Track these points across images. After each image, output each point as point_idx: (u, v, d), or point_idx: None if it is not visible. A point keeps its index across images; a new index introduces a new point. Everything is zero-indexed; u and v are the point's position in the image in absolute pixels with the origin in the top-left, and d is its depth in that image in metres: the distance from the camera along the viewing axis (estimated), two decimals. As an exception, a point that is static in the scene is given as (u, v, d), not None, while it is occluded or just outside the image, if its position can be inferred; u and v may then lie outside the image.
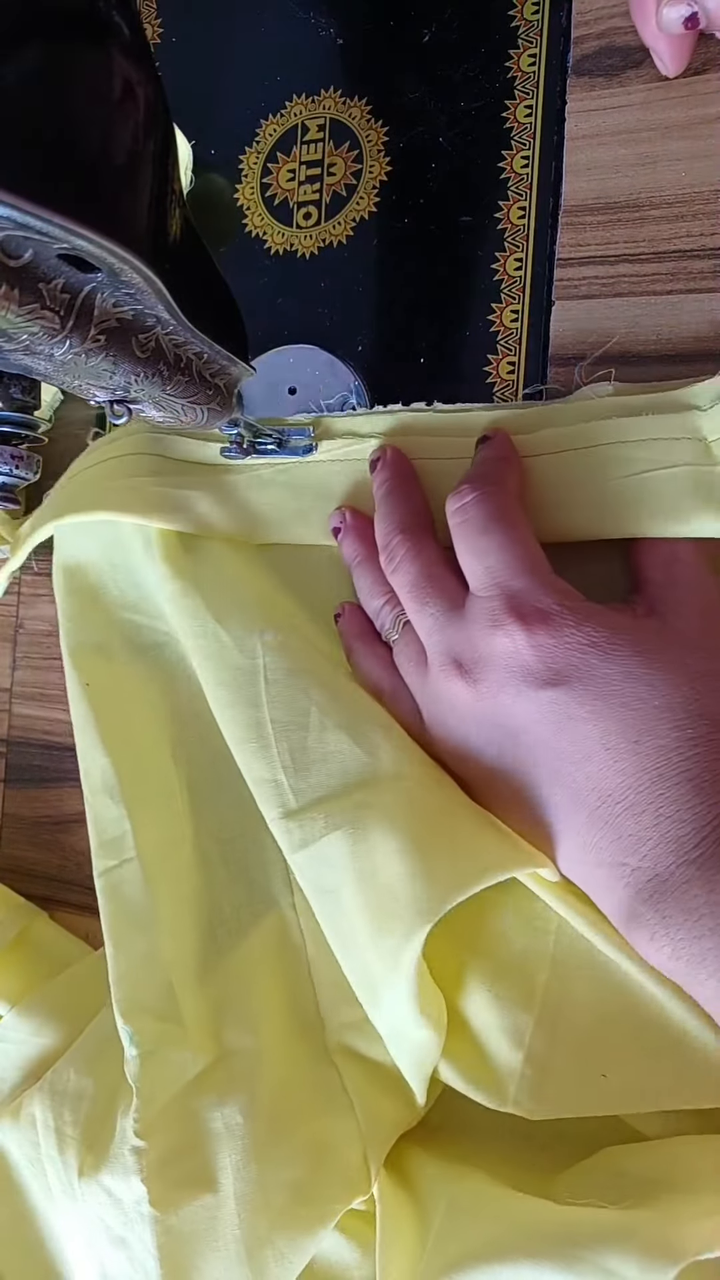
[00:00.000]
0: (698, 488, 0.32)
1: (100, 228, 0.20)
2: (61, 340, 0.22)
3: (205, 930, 0.40)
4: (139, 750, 0.41)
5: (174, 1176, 0.35)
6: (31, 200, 0.18)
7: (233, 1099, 0.36)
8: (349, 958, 0.35)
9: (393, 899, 0.31)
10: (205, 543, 0.40)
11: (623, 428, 0.33)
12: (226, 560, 0.40)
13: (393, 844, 0.32)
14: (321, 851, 0.33)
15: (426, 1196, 0.34)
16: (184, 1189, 0.34)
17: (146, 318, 0.25)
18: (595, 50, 0.36)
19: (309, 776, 0.35)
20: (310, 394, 0.41)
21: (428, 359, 0.40)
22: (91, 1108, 0.38)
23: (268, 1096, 0.36)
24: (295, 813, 0.34)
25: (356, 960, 0.34)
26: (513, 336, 0.38)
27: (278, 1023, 0.38)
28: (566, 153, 0.36)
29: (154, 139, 0.24)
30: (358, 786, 0.34)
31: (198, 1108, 0.36)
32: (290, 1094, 0.36)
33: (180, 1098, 0.36)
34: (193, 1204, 0.34)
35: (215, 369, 0.29)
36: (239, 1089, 0.36)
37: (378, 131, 0.41)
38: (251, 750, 0.36)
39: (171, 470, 0.41)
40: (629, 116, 0.35)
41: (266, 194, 0.43)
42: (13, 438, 0.27)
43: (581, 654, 0.29)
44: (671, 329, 0.35)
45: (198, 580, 0.39)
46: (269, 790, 0.35)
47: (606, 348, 0.36)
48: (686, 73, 0.34)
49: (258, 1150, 0.34)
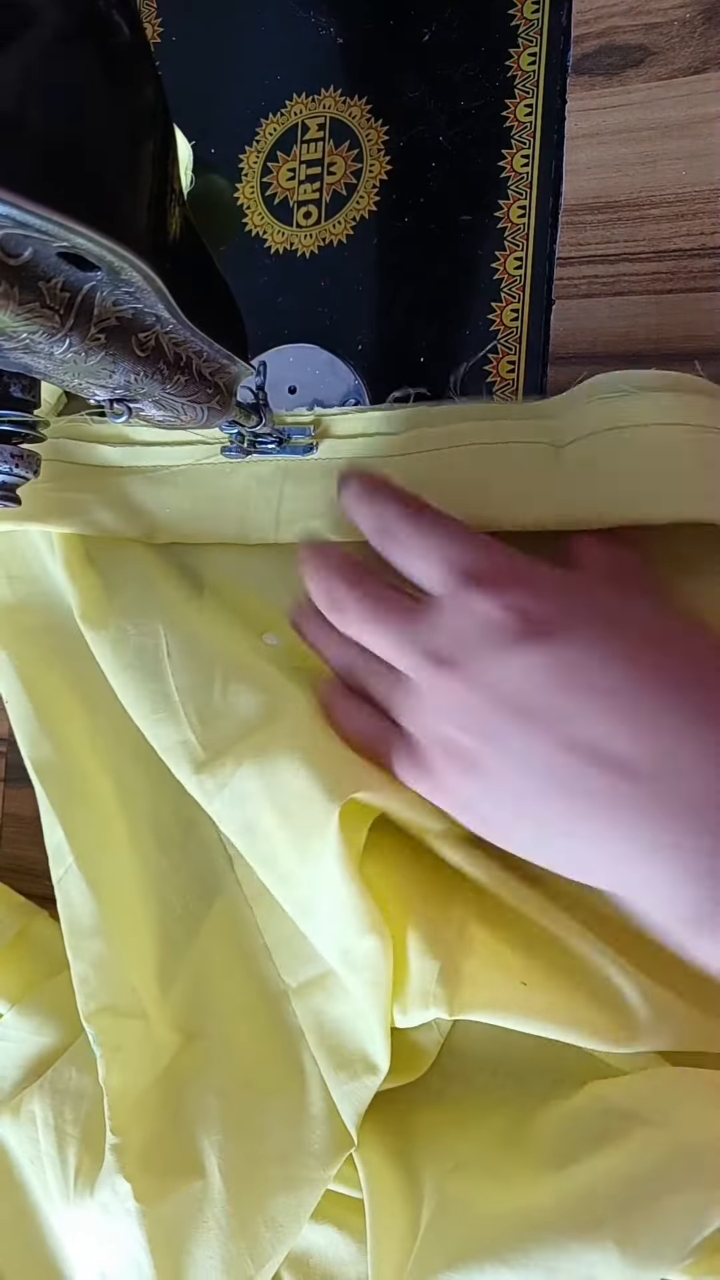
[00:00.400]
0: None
1: (100, 226, 0.20)
2: (61, 339, 0.22)
3: (158, 922, 0.40)
4: (61, 754, 0.41)
5: (156, 1168, 0.35)
6: (31, 199, 0.18)
7: (205, 1082, 0.36)
8: (286, 889, 0.35)
9: (305, 803, 0.33)
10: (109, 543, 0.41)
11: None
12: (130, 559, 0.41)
13: (296, 759, 0.33)
14: (235, 790, 0.35)
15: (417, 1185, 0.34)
16: (168, 1178, 0.35)
17: (146, 316, 0.25)
18: (595, 49, 0.36)
19: (215, 730, 0.36)
20: (310, 394, 0.42)
21: (428, 359, 0.40)
22: (92, 1106, 0.38)
23: (241, 1074, 0.36)
24: (206, 764, 0.35)
25: (292, 889, 0.35)
26: (513, 336, 0.38)
27: (242, 1000, 0.38)
28: (567, 151, 0.37)
29: (154, 138, 0.24)
30: (259, 725, 0.35)
31: (172, 1096, 0.36)
32: (263, 1068, 0.36)
33: (153, 1089, 0.37)
34: (179, 1192, 0.35)
35: (215, 367, 0.29)
36: (211, 1071, 0.37)
37: (378, 131, 0.41)
38: (160, 720, 0.37)
39: (71, 474, 0.41)
40: (629, 115, 0.35)
41: (266, 193, 0.43)
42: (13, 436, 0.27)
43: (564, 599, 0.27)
44: (671, 328, 0.35)
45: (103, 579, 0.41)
46: (180, 753, 0.36)
47: (606, 348, 0.36)
48: (686, 72, 0.34)
49: (237, 1127, 0.35)
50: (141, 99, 0.23)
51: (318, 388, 0.42)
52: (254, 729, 0.35)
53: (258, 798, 0.34)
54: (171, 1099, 0.36)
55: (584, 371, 0.36)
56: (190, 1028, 0.38)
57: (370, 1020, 0.34)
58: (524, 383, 0.38)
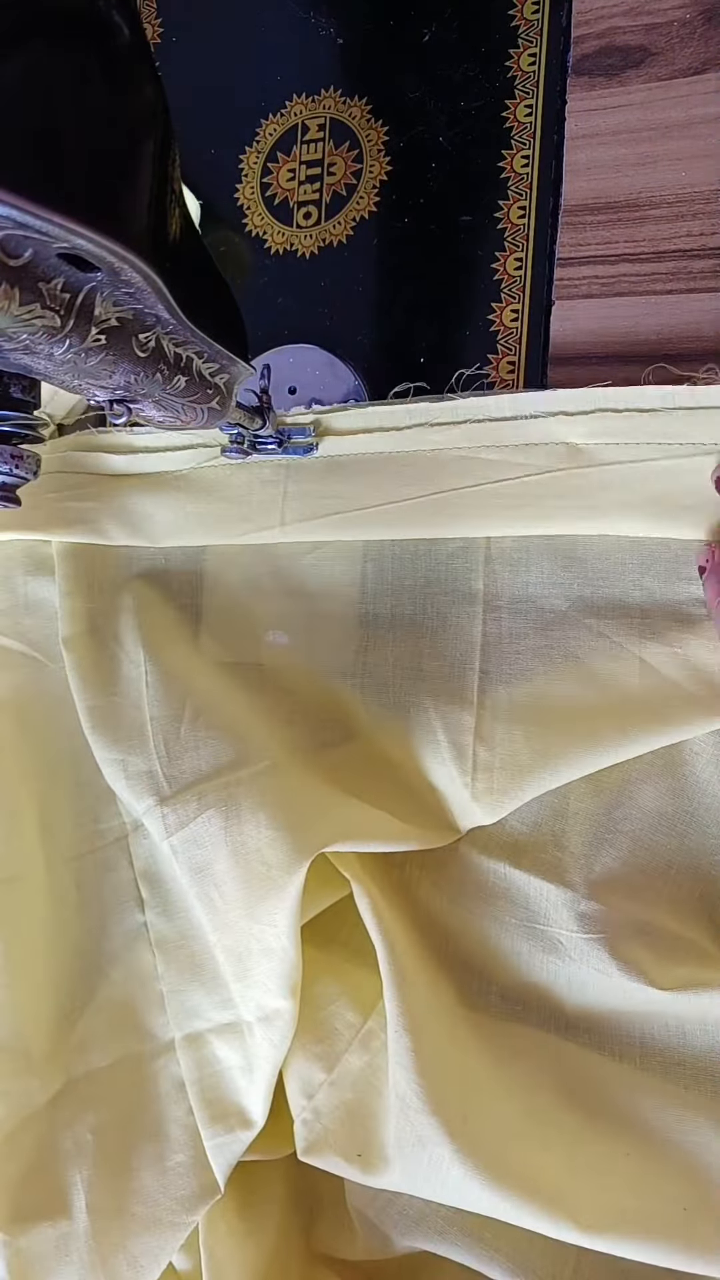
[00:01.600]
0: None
1: (100, 227, 0.20)
2: (61, 339, 0.22)
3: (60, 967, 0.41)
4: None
5: (24, 1200, 0.37)
6: (31, 200, 0.18)
7: (82, 1119, 0.38)
8: (220, 934, 0.36)
9: (262, 863, 0.34)
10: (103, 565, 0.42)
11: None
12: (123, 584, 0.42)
13: (261, 815, 0.34)
14: (196, 832, 0.36)
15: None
16: (34, 1210, 0.36)
17: (146, 317, 0.25)
18: (595, 50, 0.36)
19: (181, 763, 0.37)
20: (310, 394, 0.42)
21: (428, 359, 0.40)
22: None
23: (118, 1116, 0.38)
24: (169, 798, 0.37)
25: (225, 935, 0.36)
26: (513, 336, 0.38)
27: (128, 1046, 0.39)
28: (566, 152, 0.36)
29: (154, 139, 0.23)
30: (228, 768, 0.36)
31: (46, 1131, 0.38)
32: (140, 1112, 0.38)
33: (28, 1124, 0.38)
34: (43, 1224, 0.36)
35: (215, 368, 0.29)
36: (90, 1111, 0.38)
37: (378, 131, 0.41)
38: (133, 748, 0.38)
39: (77, 484, 0.42)
40: (629, 116, 0.35)
41: (266, 193, 0.43)
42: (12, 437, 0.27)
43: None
44: (671, 328, 0.35)
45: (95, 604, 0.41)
46: (144, 783, 0.37)
47: (606, 348, 0.36)
48: (686, 73, 0.34)
49: (107, 1164, 0.37)
50: (141, 99, 0.23)
51: (318, 388, 0.42)
52: (221, 770, 0.36)
53: (217, 843, 0.35)
54: (46, 1135, 0.38)
55: (584, 372, 0.36)
56: (75, 1071, 0.40)
57: (258, 1078, 0.36)
58: (524, 383, 0.38)
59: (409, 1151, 0.33)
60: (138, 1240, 0.36)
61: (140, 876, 0.40)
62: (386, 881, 0.38)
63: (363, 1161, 0.34)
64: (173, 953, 0.40)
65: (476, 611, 0.37)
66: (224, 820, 0.35)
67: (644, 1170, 0.32)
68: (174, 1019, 0.39)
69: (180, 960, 0.39)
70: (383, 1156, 0.34)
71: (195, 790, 0.36)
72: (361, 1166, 0.34)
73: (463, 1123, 0.32)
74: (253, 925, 0.35)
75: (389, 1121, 0.34)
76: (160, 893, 0.40)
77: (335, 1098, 0.35)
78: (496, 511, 0.35)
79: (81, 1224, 0.36)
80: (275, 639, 0.40)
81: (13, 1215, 0.36)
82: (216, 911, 0.36)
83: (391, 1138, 0.34)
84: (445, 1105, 0.32)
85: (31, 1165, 0.37)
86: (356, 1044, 0.36)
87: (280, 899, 0.34)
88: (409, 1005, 0.33)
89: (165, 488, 0.40)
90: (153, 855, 0.40)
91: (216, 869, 0.35)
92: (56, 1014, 0.40)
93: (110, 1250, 0.35)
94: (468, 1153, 0.32)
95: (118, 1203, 0.36)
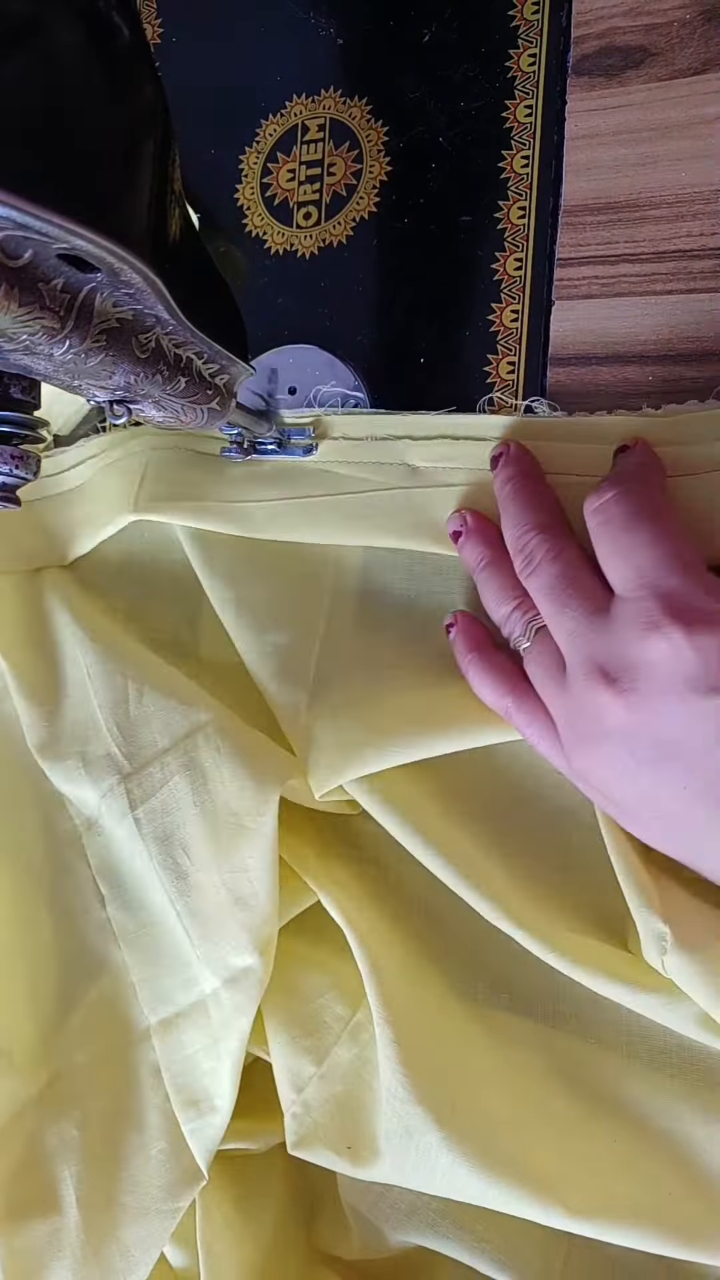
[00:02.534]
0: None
1: (99, 227, 0.20)
2: (61, 340, 0.22)
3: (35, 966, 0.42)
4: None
5: (15, 1198, 0.37)
6: (31, 200, 0.18)
7: (67, 1115, 0.38)
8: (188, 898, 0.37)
9: (231, 814, 0.35)
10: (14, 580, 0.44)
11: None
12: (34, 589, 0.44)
13: (224, 771, 0.36)
14: (164, 800, 0.37)
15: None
16: (25, 1207, 0.37)
17: (146, 318, 0.25)
18: (595, 50, 0.36)
19: (137, 739, 0.38)
20: (310, 394, 0.41)
21: (427, 359, 0.40)
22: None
23: (103, 1108, 0.38)
24: (131, 774, 0.38)
25: (194, 898, 0.37)
26: (513, 336, 0.38)
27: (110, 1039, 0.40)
28: (566, 152, 0.36)
29: (154, 139, 0.24)
30: (184, 735, 0.37)
31: (33, 1128, 0.38)
32: (123, 1103, 0.38)
33: (13, 1122, 0.39)
34: (35, 1221, 0.36)
35: (215, 369, 0.29)
36: (76, 1106, 0.39)
37: (378, 131, 0.41)
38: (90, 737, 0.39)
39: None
40: (629, 116, 0.35)
41: (266, 194, 0.43)
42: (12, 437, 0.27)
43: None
44: (671, 329, 0.35)
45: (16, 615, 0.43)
46: (104, 764, 0.39)
47: (606, 349, 0.36)
48: (686, 73, 0.34)
49: (95, 1158, 0.37)
50: (141, 99, 0.23)
51: (317, 388, 0.41)
52: (178, 740, 0.37)
53: (185, 806, 0.36)
54: (34, 1131, 0.38)
55: (584, 372, 0.36)
56: (59, 1065, 0.40)
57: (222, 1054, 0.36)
58: (524, 384, 0.38)
59: (397, 1142, 0.33)
60: (128, 1230, 0.36)
61: (97, 873, 0.41)
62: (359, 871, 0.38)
63: (352, 1154, 0.34)
64: (134, 942, 0.40)
65: (325, 603, 0.39)
66: (190, 783, 0.36)
67: (632, 1156, 0.33)
68: (147, 1006, 0.39)
69: (144, 948, 0.40)
70: (372, 1149, 0.34)
71: (159, 762, 0.37)
72: (351, 1159, 0.34)
73: (450, 1111, 0.33)
74: (224, 877, 0.36)
75: (378, 1113, 0.34)
76: (116, 885, 0.41)
77: (325, 1091, 0.36)
78: (342, 521, 0.37)
79: (72, 1218, 0.36)
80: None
81: (5, 1213, 0.37)
82: (183, 876, 0.37)
83: (380, 1129, 0.34)
84: (432, 1094, 0.33)
85: (21, 1163, 0.38)
86: (346, 1036, 0.36)
87: (253, 843, 0.35)
88: (389, 996, 0.34)
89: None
90: (106, 848, 0.41)
91: (185, 832, 0.37)
92: (35, 1015, 0.41)
93: (102, 1242, 0.36)
94: (456, 1140, 0.32)
95: (107, 1194, 0.37)
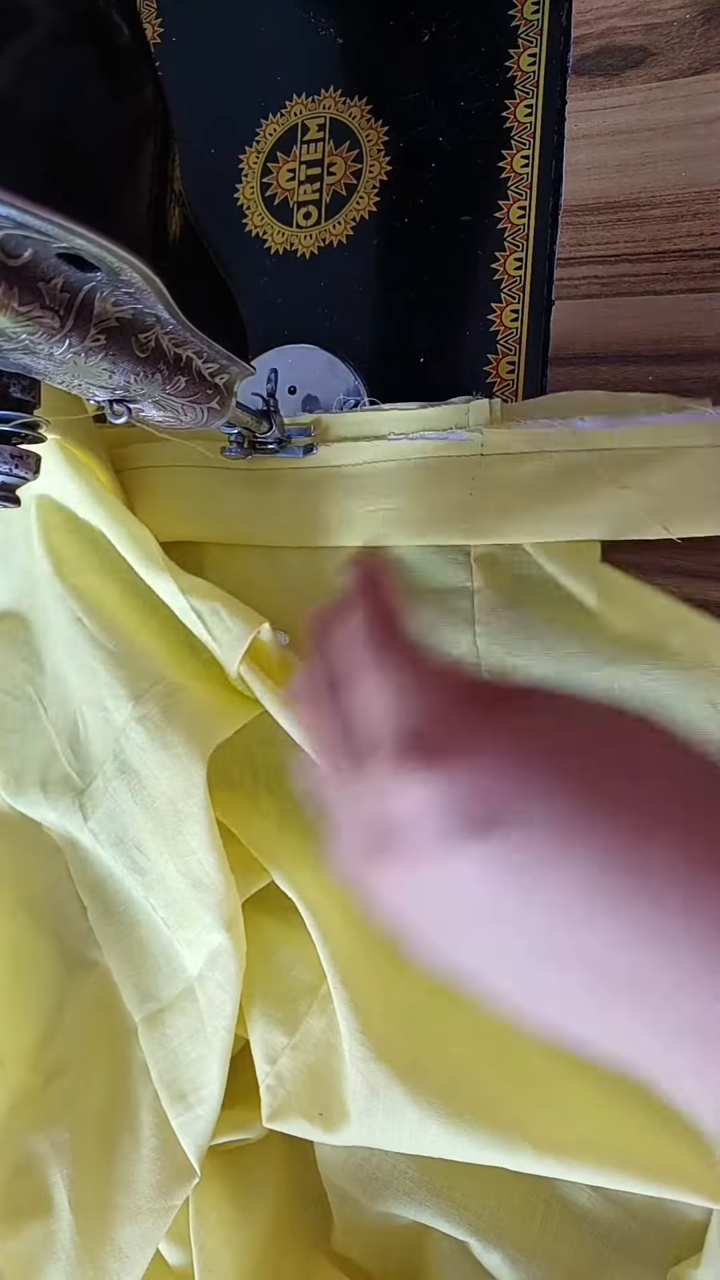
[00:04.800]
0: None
1: (99, 227, 0.20)
2: (61, 339, 0.22)
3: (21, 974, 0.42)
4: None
5: (8, 1203, 0.37)
6: (31, 200, 0.18)
7: (59, 1120, 0.38)
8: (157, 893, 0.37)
9: (168, 802, 0.36)
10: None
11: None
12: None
13: (149, 762, 0.37)
14: (109, 807, 0.38)
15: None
16: (20, 1212, 0.37)
17: (146, 317, 0.25)
18: (595, 50, 0.36)
19: (85, 757, 0.40)
20: (310, 393, 0.42)
21: (428, 359, 0.40)
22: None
23: (95, 1110, 0.38)
24: (83, 790, 0.39)
25: (162, 893, 0.37)
26: (513, 336, 0.38)
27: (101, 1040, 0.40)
28: (566, 152, 0.36)
29: (154, 139, 0.23)
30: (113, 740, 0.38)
31: (24, 1134, 0.38)
32: (114, 1103, 0.38)
33: (4, 1127, 0.39)
34: (30, 1225, 0.36)
35: (215, 368, 0.29)
36: (68, 1108, 0.39)
37: (378, 131, 0.41)
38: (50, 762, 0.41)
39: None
40: (629, 116, 0.35)
41: (266, 194, 0.43)
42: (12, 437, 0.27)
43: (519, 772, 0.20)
44: (671, 328, 0.35)
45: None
46: (63, 785, 0.40)
47: (606, 348, 0.36)
48: (686, 73, 0.34)
49: (86, 1160, 0.37)
50: (141, 99, 0.23)
51: (317, 388, 0.42)
52: (110, 749, 0.38)
53: (128, 807, 0.37)
54: (26, 1135, 0.38)
55: (584, 372, 0.36)
56: (52, 1068, 0.40)
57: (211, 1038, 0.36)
58: (524, 383, 0.38)
59: (363, 1103, 0.33)
60: (122, 1231, 0.36)
61: (80, 886, 0.42)
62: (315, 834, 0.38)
63: (324, 1120, 0.34)
64: (115, 947, 0.40)
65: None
66: (127, 784, 0.37)
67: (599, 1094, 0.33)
68: (132, 1006, 0.39)
69: (127, 950, 0.40)
70: (343, 1112, 0.34)
71: (100, 773, 0.39)
72: (324, 1125, 0.34)
73: (412, 1065, 0.33)
74: (178, 864, 0.36)
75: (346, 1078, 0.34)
76: (96, 895, 0.41)
77: (298, 1061, 0.36)
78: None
79: (65, 1221, 0.36)
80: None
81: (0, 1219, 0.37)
82: (144, 873, 0.38)
83: (348, 1092, 0.34)
84: (392, 1051, 0.33)
85: (13, 1167, 0.38)
86: (316, 1007, 0.36)
87: (192, 824, 0.35)
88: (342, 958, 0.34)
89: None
90: (85, 861, 0.42)
91: (133, 832, 0.38)
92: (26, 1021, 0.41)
93: (96, 1243, 0.36)
94: (419, 1092, 0.32)
95: (100, 1196, 0.36)
